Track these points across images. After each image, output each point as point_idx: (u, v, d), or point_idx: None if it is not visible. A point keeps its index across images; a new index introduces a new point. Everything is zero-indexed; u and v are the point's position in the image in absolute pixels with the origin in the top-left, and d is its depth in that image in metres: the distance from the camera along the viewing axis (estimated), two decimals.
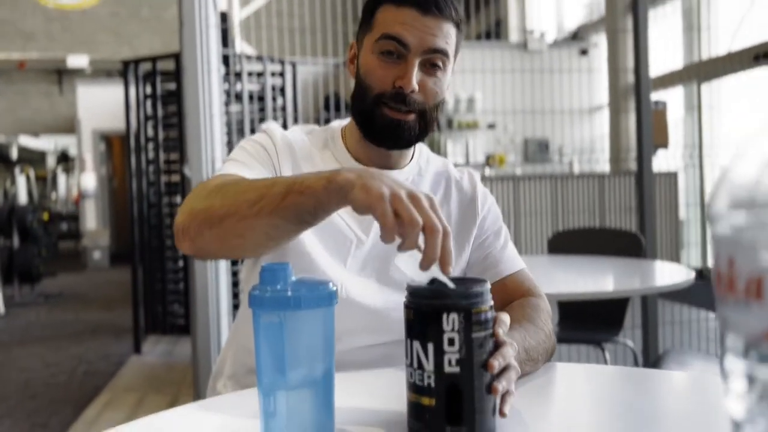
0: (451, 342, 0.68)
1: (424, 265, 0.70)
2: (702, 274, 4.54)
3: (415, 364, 0.69)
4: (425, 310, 0.69)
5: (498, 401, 0.72)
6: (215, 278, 2.77)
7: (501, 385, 0.70)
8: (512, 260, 1.13)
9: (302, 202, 0.77)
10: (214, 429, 0.79)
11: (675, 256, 4.76)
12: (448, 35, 1.02)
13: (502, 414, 0.71)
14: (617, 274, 2.36)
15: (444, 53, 1.01)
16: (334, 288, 0.73)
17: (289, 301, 0.69)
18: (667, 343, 3.26)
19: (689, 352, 2.47)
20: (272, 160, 1.05)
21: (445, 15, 1.01)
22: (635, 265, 2.43)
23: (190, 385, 3.34)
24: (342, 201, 0.75)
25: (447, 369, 0.68)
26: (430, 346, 0.68)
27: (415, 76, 1.00)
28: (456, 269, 1.10)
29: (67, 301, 6.77)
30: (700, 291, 3.64)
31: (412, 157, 1.13)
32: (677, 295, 3.87)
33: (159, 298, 4.71)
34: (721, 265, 0.36)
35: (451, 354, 0.68)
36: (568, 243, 2.87)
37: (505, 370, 0.73)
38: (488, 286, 0.71)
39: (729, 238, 0.36)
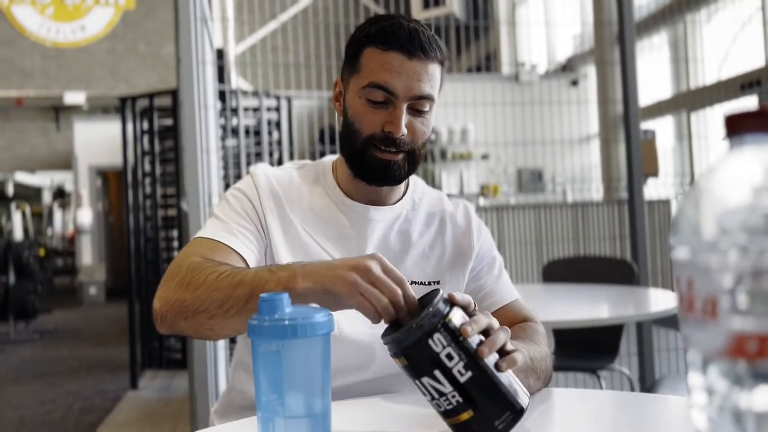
0: (450, 357, 0.72)
1: (388, 319, 0.78)
2: None
3: (436, 395, 0.73)
4: (414, 348, 0.72)
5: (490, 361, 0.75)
6: None
7: (487, 348, 0.74)
8: (507, 290, 1.15)
9: None
10: None
11: (669, 283, 4.78)
12: (433, 77, 1.03)
13: (500, 368, 0.74)
14: (611, 302, 2.38)
15: (430, 98, 1.04)
16: (330, 317, 0.76)
17: (286, 329, 0.72)
18: (663, 370, 3.27)
19: (685, 379, 2.48)
20: (255, 209, 1.07)
21: (431, 57, 1.02)
22: (629, 293, 2.45)
23: (187, 419, 3.32)
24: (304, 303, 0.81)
25: (462, 379, 0.72)
26: (438, 372, 0.72)
27: (404, 120, 1.02)
28: None
29: (63, 337, 6.73)
30: None
31: (405, 191, 1.15)
32: (672, 322, 3.89)
33: (155, 333, 4.70)
34: (681, 288, 0.40)
35: (456, 365, 0.72)
36: (562, 271, 2.90)
37: (489, 338, 0.76)
38: (437, 292, 0.76)
39: (687, 262, 0.39)
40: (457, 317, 0.74)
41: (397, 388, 1.09)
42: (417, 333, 0.72)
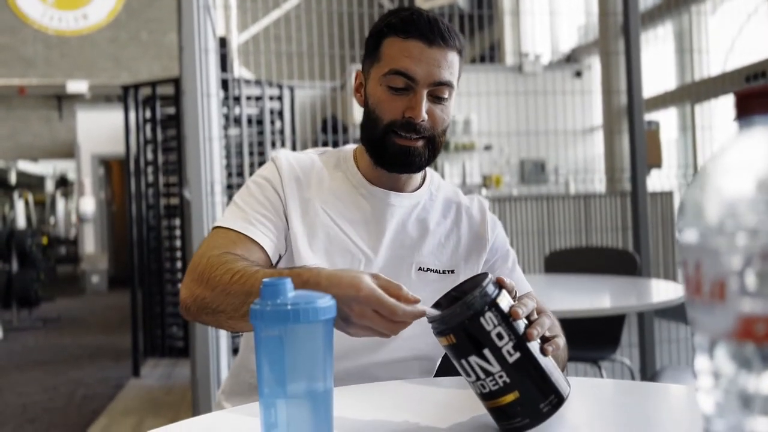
0: (500, 336, 0.72)
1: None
2: None
3: (483, 375, 0.73)
4: (465, 326, 0.72)
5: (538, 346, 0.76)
6: None
7: (536, 330, 0.75)
8: (520, 283, 1.16)
9: None
10: None
11: (672, 274, 4.78)
12: (452, 65, 1.06)
13: (546, 352, 0.75)
14: (613, 292, 2.38)
15: (449, 84, 1.06)
16: (332, 302, 0.75)
17: (288, 314, 0.72)
18: (664, 360, 3.27)
19: (686, 369, 2.48)
20: (278, 194, 1.10)
21: (450, 45, 1.05)
22: (631, 283, 2.45)
23: (189, 407, 3.34)
24: None
25: (511, 359, 0.72)
26: (487, 351, 0.72)
27: (424, 106, 1.04)
28: None
29: (66, 325, 6.76)
30: None
31: (422, 183, 1.17)
32: (674, 313, 3.89)
33: (158, 321, 4.71)
34: (689, 270, 0.39)
35: (506, 345, 0.72)
36: (564, 262, 2.90)
37: (536, 320, 0.77)
38: (486, 275, 0.76)
39: (696, 245, 0.39)
40: (505, 299, 0.74)
41: (408, 374, 1.12)
42: (469, 311, 0.72)
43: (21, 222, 11.34)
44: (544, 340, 0.77)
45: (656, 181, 4.54)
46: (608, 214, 4.41)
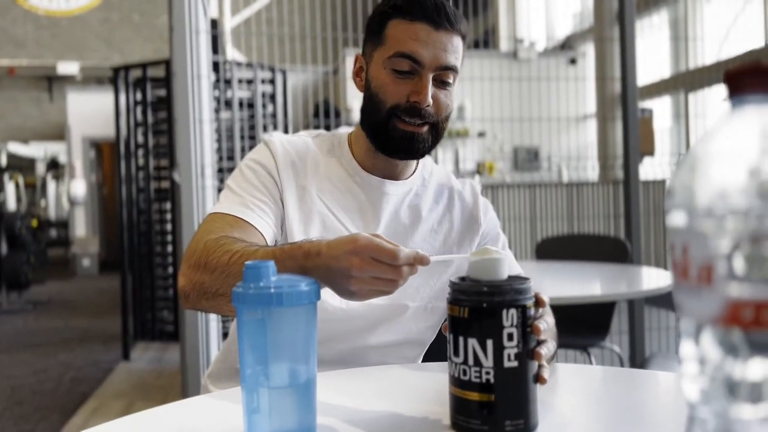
0: (510, 337, 0.69)
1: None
2: None
3: (471, 361, 0.70)
4: (485, 307, 0.70)
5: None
6: None
7: (543, 352, 0.72)
8: (510, 267, 1.15)
9: None
10: (199, 426, 0.80)
11: (663, 262, 4.80)
12: (457, 49, 1.04)
13: (543, 381, 0.72)
14: (604, 279, 2.38)
15: (454, 69, 1.05)
16: (316, 285, 0.74)
17: (271, 297, 0.71)
18: (653, 348, 3.28)
19: (675, 356, 2.49)
20: (273, 179, 1.07)
21: (456, 29, 1.04)
22: (622, 270, 2.45)
23: (178, 391, 3.33)
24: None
25: (507, 364, 0.69)
26: (489, 343, 0.69)
27: (430, 90, 1.02)
28: (457, 271, 1.12)
29: (56, 308, 6.73)
30: None
31: (415, 169, 1.16)
32: (663, 301, 3.91)
33: (148, 305, 4.70)
34: (676, 254, 0.38)
35: (511, 349, 0.69)
36: (555, 249, 2.89)
37: (545, 345, 0.75)
38: (528, 279, 0.74)
39: (683, 228, 0.37)
40: (533, 310, 0.72)
41: (398, 358, 1.12)
42: (498, 296, 0.70)
43: (11, 204, 11.26)
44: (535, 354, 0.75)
45: (649, 169, 4.55)
46: (600, 202, 4.41)
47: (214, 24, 4.09)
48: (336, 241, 0.79)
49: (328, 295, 1.01)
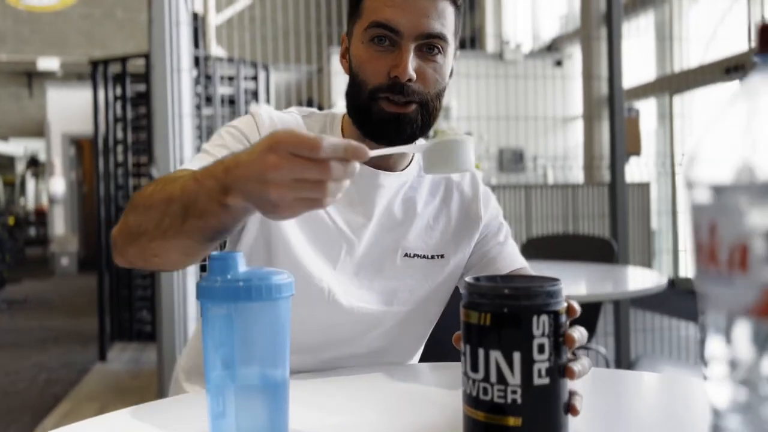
0: (541, 349, 0.59)
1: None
2: (674, 283, 4.56)
3: (494, 379, 0.59)
4: (511, 313, 0.59)
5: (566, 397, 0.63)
6: (182, 283, 2.69)
7: (577, 369, 0.62)
8: (512, 257, 1.08)
9: (204, 227, 0.69)
10: (167, 429, 0.74)
11: (647, 265, 4.78)
12: (443, 14, 0.92)
13: (575, 412, 0.62)
14: (590, 279, 2.34)
15: (441, 37, 0.92)
16: (290, 279, 0.68)
17: (239, 291, 0.64)
18: (639, 350, 3.25)
19: (662, 358, 2.46)
20: None
21: None
22: (608, 270, 2.41)
23: (155, 392, 3.24)
24: (248, 215, 0.69)
25: (537, 381, 0.59)
26: (517, 356, 0.58)
27: (411, 63, 0.91)
28: (454, 270, 1.05)
29: (32, 307, 6.59)
30: (672, 299, 3.66)
31: (412, 158, 1.05)
32: (649, 303, 3.88)
33: (126, 304, 4.60)
34: (701, 235, 0.32)
35: (541, 363, 0.59)
36: (541, 249, 2.85)
37: (580, 362, 0.65)
38: (560, 281, 0.63)
39: (709, 204, 0.32)
40: (564, 317, 0.62)
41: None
42: (526, 300, 0.59)
43: None
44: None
45: (634, 171, 4.53)
46: (585, 203, 4.39)
47: (195, 17, 4.01)
48: (255, 144, 0.63)
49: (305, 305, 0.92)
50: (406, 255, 1.01)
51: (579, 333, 0.64)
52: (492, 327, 0.60)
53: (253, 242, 0.98)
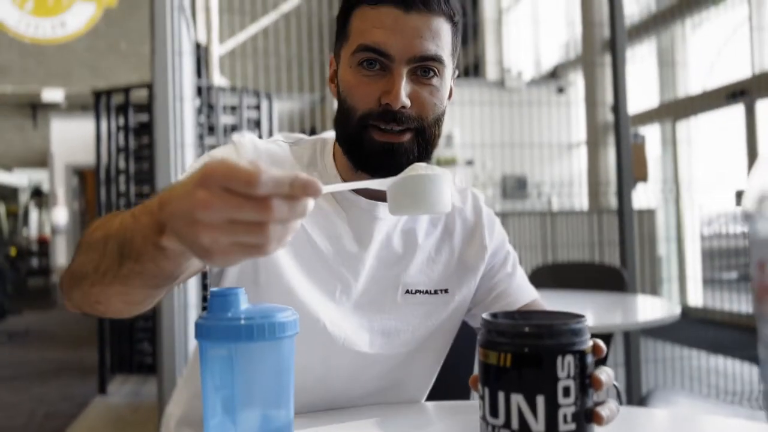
0: (567, 392, 0.55)
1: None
2: (683, 311, 4.50)
3: (515, 425, 0.55)
4: (533, 353, 0.55)
5: None
6: (183, 315, 2.65)
7: (605, 414, 0.58)
8: (523, 289, 1.01)
9: (142, 272, 0.62)
10: None
11: (654, 293, 4.72)
12: (439, 34, 0.85)
13: None
14: (600, 309, 2.28)
15: (436, 59, 0.85)
16: (295, 317, 0.64)
17: (240, 330, 0.60)
18: (651, 381, 3.18)
19: (675, 391, 2.39)
20: None
21: (433, 9, 0.84)
22: (617, 300, 2.36)
23: (155, 426, 3.17)
24: (187, 260, 0.60)
25: (562, 427, 0.55)
26: (540, 400, 0.55)
27: (404, 89, 0.84)
28: (460, 305, 0.98)
29: (33, 339, 6.52)
30: (682, 328, 3.59)
31: None
32: (658, 332, 3.81)
33: (126, 337, 4.53)
34: (756, 268, 0.29)
35: (567, 407, 0.55)
36: (549, 278, 2.80)
37: (607, 405, 0.61)
38: (584, 317, 0.59)
39: (761, 238, 0.28)
40: (590, 358, 0.58)
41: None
42: (548, 339, 0.55)
43: None
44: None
45: (640, 197, 4.50)
46: (589, 231, 4.35)
47: (198, 47, 4.03)
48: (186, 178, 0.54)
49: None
50: (407, 291, 0.94)
51: (606, 375, 0.59)
52: (513, 368, 0.56)
53: (238, 269, 0.91)
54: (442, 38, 0.86)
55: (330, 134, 0.97)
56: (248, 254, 0.51)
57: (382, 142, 0.86)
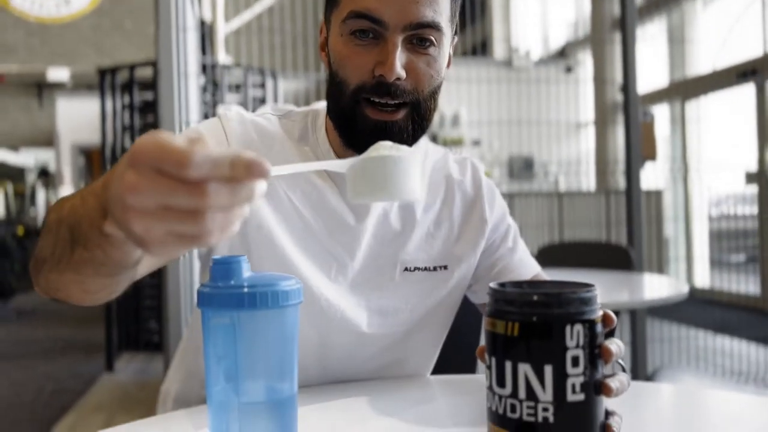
0: (575, 362, 0.54)
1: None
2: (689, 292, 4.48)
3: (522, 394, 0.54)
4: (542, 322, 0.54)
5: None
6: (189, 293, 2.65)
7: (614, 386, 0.56)
8: (525, 264, 0.98)
9: (91, 260, 0.57)
10: None
11: (661, 273, 4.71)
12: (436, 0, 0.80)
13: (609, 429, 0.56)
14: (606, 288, 2.27)
15: (434, 26, 0.80)
16: (299, 285, 0.63)
17: (243, 298, 0.59)
18: (656, 361, 3.18)
19: (681, 370, 2.39)
20: None
21: None
22: (624, 278, 2.35)
23: None
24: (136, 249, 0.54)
25: (570, 397, 0.54)
26: (548, 369, 0.53)
27: (399, 59, 0.78)
28: (460, 281, 0.95)
29: (41, 317, 6.57)
30: (688, 308, 3.58)
31: None
32: (664, 312, 3.80)
33: (133, 314, 4.55)
34: None
35: (575, 377, 0.54)
36: (555, 256, 2.79)
37: (618, 378, 0.59)
38: (594, 286, 0.57)
39: None
40: (600, 327, 0.56)
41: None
42: (556, 308, 0.54)
43: (0, 213, 11.10)
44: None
45: (648, 177, 4.47)
46: (595, 210, 4.32)
47: (203, 24, 3.99)
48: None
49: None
50: (406, 269, 0.91)
51: (616, 345, 0.57)
52: (520, 337, 0.54)
53: (228, 250, 0.87)
54: (439, 3, 0.80)
55: (322, 105, 0.92)
56: (186, 245, 0.44)
57: (375, 121, 0.81)
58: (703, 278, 5.46)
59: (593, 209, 4.30)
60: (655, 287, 2.32)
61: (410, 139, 0.83)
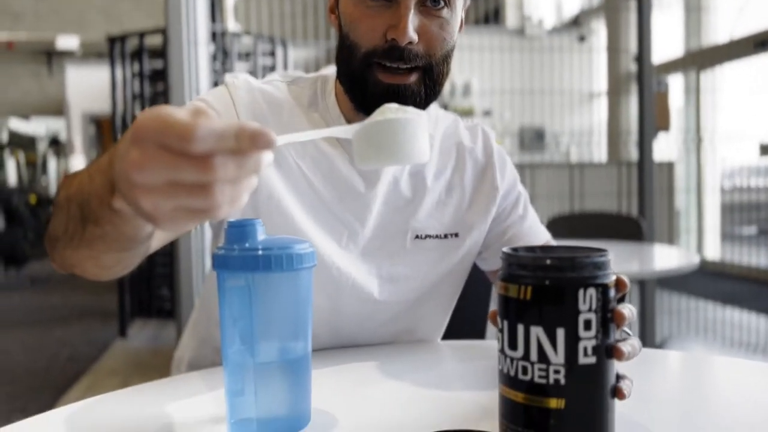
0: (588, 325, 0.54)
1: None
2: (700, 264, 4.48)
3: (534, 356, 0.54)
4: (554, 286, 0.54)
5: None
6: (201, 260, 2.67)
7: (626, 350, 0.55)
8: (535, 232, 0.98)
9: (103, 236, 0.58)
10: (175, 409, 0.70)
11: (671, 245, 4.69)
12: None
13: (622, 395, 0.56)
14: (618, 258, 2.27)
15: None
16: (312, 249, 0.63)
17: (258, 261, 0.59)
18: (665, 331, 3.19)
19: (689, 340, 2.40)
20: None
21: None
22: (635, 249, 2.34)
23: None
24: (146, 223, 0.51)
25: (582, 360, 0.54)
26: (560, 332, 0.54)
27: (412, 22, 0.78)
28: (470, 249, 0.95)
29: (55, 284, 6.65)
30: (697, 280, 3.58)
31: None
32: (673, 283, 3.80)
33: (146, 282, 4.61)
34: None
35: (587, 340, 0.54)
36: (566, 227, 2.78)
37: (629, 342, 0.58)
38: (607, 252, 0.57)
39: None
40: (613, 292, 0.56)
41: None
42: (569, 272, 0.54)
43: (12, 181, 11.18)
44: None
45: (661, 148, 4.43)
46: (607, 181, 4.30)
47: None
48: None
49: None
50: (417, 237, 0.91)
51: (629, 310, 0.57)
52: (533, 301, 0.55)
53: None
54: None
55: (331, 70, 0.91)
56: (196, 218, 0.44)
57: (387, 84, 0.80)
58: (713, 250, 5.44)
59: (605, 180, 4.27)
60: (666, 258, 2.32)
61: (422, 104, 0.82)
